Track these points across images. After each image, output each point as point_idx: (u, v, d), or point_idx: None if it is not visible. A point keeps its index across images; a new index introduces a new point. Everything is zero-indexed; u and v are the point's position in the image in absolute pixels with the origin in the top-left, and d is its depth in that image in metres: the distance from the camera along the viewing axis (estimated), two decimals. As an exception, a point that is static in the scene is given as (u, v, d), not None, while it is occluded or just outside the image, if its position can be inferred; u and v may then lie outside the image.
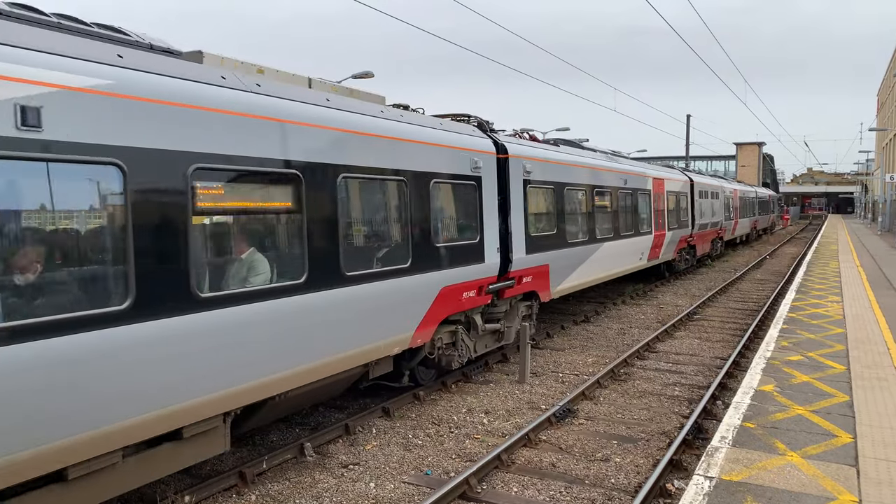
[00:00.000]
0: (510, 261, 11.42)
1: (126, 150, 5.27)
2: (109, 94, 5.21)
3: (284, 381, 6.86)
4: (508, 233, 11.41)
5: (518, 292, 11.99)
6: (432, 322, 9.41)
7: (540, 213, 12.89)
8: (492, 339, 11.71)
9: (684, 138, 49.95)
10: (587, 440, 8.68)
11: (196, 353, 5.81)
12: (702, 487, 5.83)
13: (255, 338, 6.39)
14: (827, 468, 6.24)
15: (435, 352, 9.94)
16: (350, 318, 7.75)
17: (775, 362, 10.15)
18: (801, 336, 12.02)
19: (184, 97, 5.80)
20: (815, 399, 8.35)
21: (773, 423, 7.46)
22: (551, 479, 7.50)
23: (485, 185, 10.66)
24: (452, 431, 9.02)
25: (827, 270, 22.80)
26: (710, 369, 12.27)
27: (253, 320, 6.36)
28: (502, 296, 11.48)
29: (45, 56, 4.91)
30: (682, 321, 16.73)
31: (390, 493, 7.16)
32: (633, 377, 11.76)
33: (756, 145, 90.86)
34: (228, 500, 6.99)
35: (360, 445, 8.48)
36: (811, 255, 29.09)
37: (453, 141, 10.06)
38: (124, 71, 5.43)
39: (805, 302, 15.89)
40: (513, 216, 11.56)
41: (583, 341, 14.62)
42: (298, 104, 7.20)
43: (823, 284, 19.12)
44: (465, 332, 10.59)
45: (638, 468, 7.81)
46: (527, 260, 11.99)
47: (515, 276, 11.64)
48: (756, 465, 6.30)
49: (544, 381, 11.43)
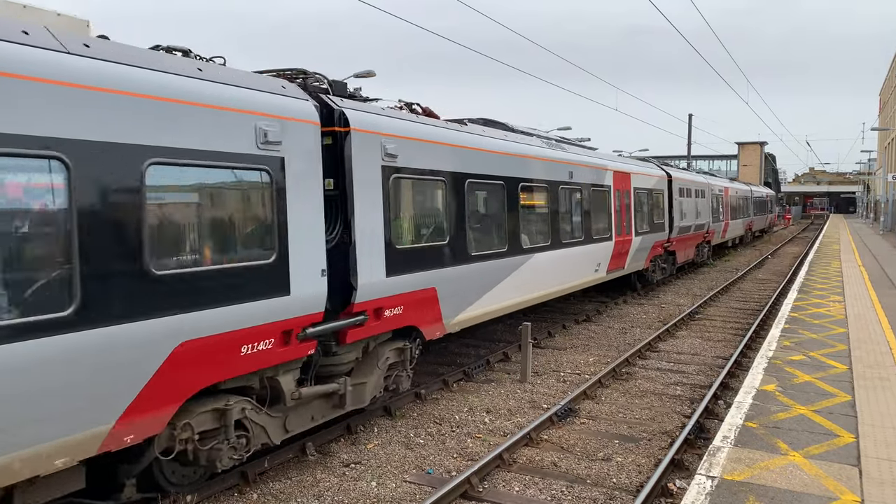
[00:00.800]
0: (353, 287, 7.86)
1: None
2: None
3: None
4: (351, 245, 7.81)
5: (375, 332, 8.45)
6: (165, 401, 5.78)
7: (419, 216, 9.32)
8: (327, 406, 8.02)
9: (686, 138, 49.91)
10: (589, 439, 8.67)
11: None
12: (704, 487, 5.83)
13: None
14: (829, 468, 6.24)
15: (185, 445, 6.26)
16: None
17: (777, 362, 10.14)
18: (804, 336, 12.01)
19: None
20: (818, 399, 8.33)
21: (776, 423, 7.45)
22: (553, 478, 7.50)
23: (292, 171, 6.84)
24: (454, 430, 9.01)
25: (829, 270, 22.76)
26: (712, 369, 12.26)
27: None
28: (344, 340, 7.94)
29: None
30: (684, 320, 16.72)
31: (392, 492, 7.16)
32: (634, 376, 11.75)
33: (758, 145, 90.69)
34: (230, 499, 7.00)
35: (361, 444, 8.48)
36: (813, 255, 29.05)
37: (206, 95, 6.10)
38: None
39: (807, 301, 15.86)
40: (360, 220, 7.92)
41: (584, 340, 14.61)
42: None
43: (825, 284, 19.09)
44: (252, 409, 6.87)
45: (640, 468, 7.81)
46: (390, 284, 8.46)
47: (368, 308, 8.10)
48: (758, 465, 6.30)
49: (546, 381, 11.43)
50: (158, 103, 5.67)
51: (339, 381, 8.01)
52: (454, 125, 10.63)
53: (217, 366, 6.24)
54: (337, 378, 8.04)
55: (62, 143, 4.93)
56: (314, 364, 7.81)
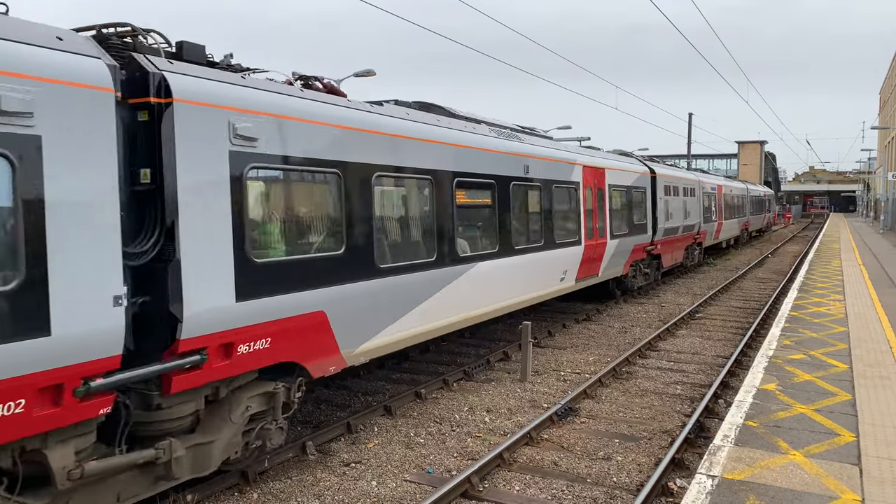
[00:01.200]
0: (178, 319, 5.84)
1: None
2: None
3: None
4: (173, 261, 5.85)
5: (222, 375, 6.37)
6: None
7: (297, 220, 7.21)
8: (147, 478, 6.09)
9: (686, 137, 49.90)
10: (589, 439, 8.67)
11: None
12: (704, 486, 5.82)
13: None
14: (829, 467, 6.23)
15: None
16: None
17: (778, 361, 10.13)
18: (804, 334, 12.00)
19: None
20: (818, 398, 8.33)
21: (776, 422, 7.45)
22: (553, 477, 7.50)
23: (57, 156, 4.98)
24: (454, 430, 9.01)
25: (829, 269, 22.76)
26: (712, 368, 12.26)
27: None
28: (169, 389, 5.90)
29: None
30: (684, 319, 16.71)
31: (392, 492, 7.15)
32: (634, 376, 11.74)
33: (758, 144, 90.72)
34: (231, 499, 6.99)
35: (361, 444, 8.48)
36: (813, 254, 29.04)
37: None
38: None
39: (807, 300, 15.86)
40: (189, 225, 5.95)
41: (584, 340, 14.61)
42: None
43: (826, 283, 19.09)
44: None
45: (640, 467, 7.80)
46: (246, 311, 6.47)
47: (207, 344, 6.11)
48: (758, 464, 6.29)
49: (546, 380, 11.43)
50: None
51: (160, 444, 5.95)
52: (363, 105, 8.66)
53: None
54: (164, 439, 6.02)
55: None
56: (123, 424, 5.76)
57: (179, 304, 5.86)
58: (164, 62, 6.04)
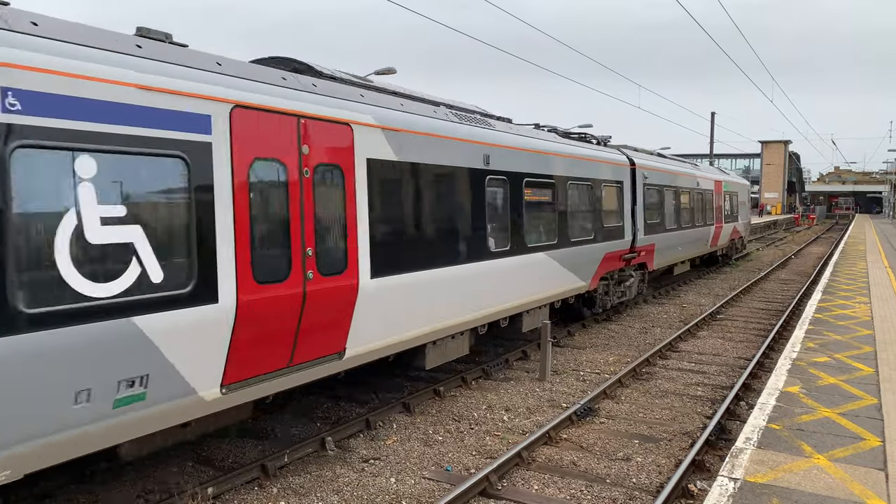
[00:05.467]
0: None
1: None
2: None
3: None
4: None
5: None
6: None
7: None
8: None
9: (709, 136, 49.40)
10: (608, 439, 8.62)
11: None
12: (726, 489, 5.76)
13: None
14: (855, 472, 6.13)
15: None
16: None
17: (801, 363, 10.00)
18: (828, 337, 11.83)
19: None
20: (843, 401, 8.20)
21: (800, 425, 7.35)
22: (572, 477, 7.46)
23: None
24: (472, 428, 9.00)
25: (854, 271, 22.41)
26: (734, 370, 12.13)
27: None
28: None
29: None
30: (705, 320, 16.55)
31: (411, 489, 7.16)
32: (655, 376, 11.65)
33: (782, 143, 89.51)
34: (250, 493, 7.05)
35: (380, 440, 8.50)
36: (838, 255, 28.61)
37: None
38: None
39: (832, 303, 15.62)
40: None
41: (604, 340, 14.52)
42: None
43: (850, 285, 18.79)
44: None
45: (660, 468, 7.74)
46: None
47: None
48: (782, 468, 6.21)
49: (565, 380, 11.38)
50: None
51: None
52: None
53: None
54: None
55: None
56: None
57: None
58: None
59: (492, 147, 10.59)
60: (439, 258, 9.25)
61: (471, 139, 10.10)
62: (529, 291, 11.69)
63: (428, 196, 9.06)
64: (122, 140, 5.48)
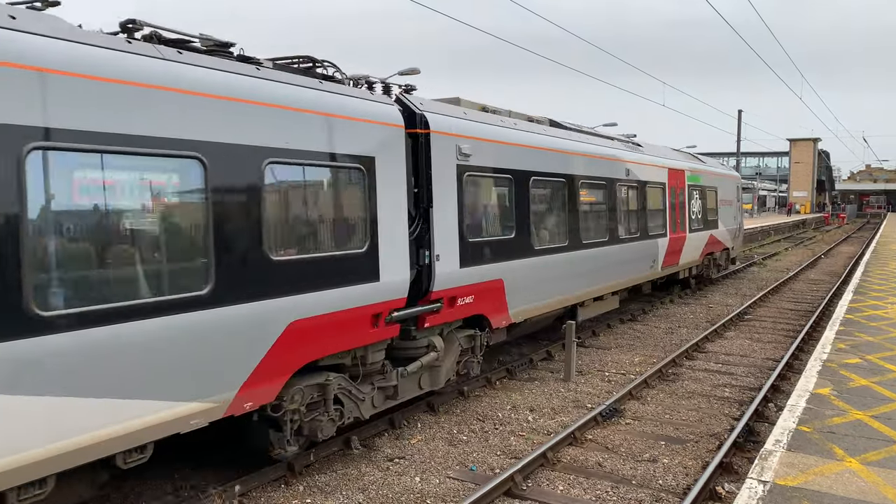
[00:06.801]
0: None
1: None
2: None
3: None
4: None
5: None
6: None
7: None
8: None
9: (735, 134, 48.77)
10: (634, 440, 8.55)
11: None
12: (755, 491, 5.68)
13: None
14: (888, 475, 6.02)
15: None
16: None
17: (832, 365, 9.83)
18: (860, 338, 11.61)
19: None
20: (875, 404, 8.05)
21: (831, 428, 7.23)
22: (598, 478, 7.42)
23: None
24: (497, 428, 8.99)
25: (886, 271, 21.96)
26: (762, 371, 11.95)
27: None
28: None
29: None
30: (733, 321, 16.34)
31: (435, 488, 7.18)
32: (681, 377, 11.53)
33: (811, 141, 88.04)
34: (277, 491, 7.11)
35: (405, 439, 8.53)
36: (869, 255, 28.06)
37: None
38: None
39: (863, 303, 15.33)
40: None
41: (629, 340, 14.41)
42: None
43: (883, 285, 18.42)
44: None
45: (686, 470, 7.66)
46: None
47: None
48: (812, 471, 6.11)
49: (590, 380, 11.31)
50: None
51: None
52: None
53: None
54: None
55: None
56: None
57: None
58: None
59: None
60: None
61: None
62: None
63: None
64: None
